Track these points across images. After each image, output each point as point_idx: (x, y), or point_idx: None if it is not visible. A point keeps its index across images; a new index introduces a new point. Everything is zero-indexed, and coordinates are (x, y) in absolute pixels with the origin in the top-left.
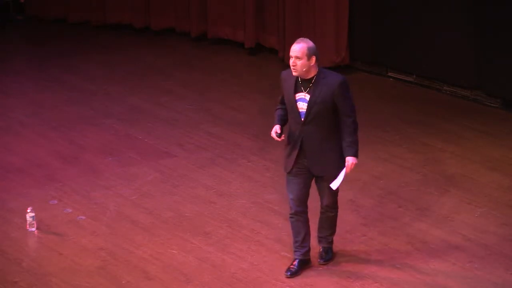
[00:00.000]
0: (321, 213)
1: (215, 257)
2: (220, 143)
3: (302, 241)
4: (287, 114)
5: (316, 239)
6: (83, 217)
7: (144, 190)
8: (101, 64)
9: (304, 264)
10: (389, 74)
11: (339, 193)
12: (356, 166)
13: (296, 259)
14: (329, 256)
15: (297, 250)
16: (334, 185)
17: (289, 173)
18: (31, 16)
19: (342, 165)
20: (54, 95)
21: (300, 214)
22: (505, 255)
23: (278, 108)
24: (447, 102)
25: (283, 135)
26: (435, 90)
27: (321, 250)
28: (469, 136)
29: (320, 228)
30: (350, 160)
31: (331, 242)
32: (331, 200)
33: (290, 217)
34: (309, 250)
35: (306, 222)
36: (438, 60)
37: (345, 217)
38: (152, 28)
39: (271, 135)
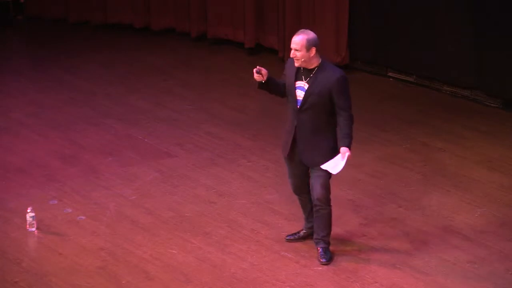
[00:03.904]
0: (315, 211)
1: (215, 257)
2: (220, 143)
3: (307, 216)
4: (281, 85)
5: (314, 240)
6: (83, 217)
7: (144, 190)
8: (101, 64)
9: (305, 237)
10: (389, 74)
11: (339, 193)
12: (349, 158)
13: (302, 229)
14: (329, 255)
15: (305, 222)
16: (335, 170)
17: (287, 159)
18: (31, 16)
19: (332, 157)
20: (54, 95)
21: (300, 196)
22: (505, 255)
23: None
24: (447, 102)
25: (260, 76)
26: (435, 90)
27: (320, 250)
28: (469, 136)
29: (317, 229)
30: (343, 150)
31: (328, 242)
32: (321, 192)
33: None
34: (312, 227)
35: (309, 201)
36: (438, 60)
37: (345, 217)
38: (152, 28)
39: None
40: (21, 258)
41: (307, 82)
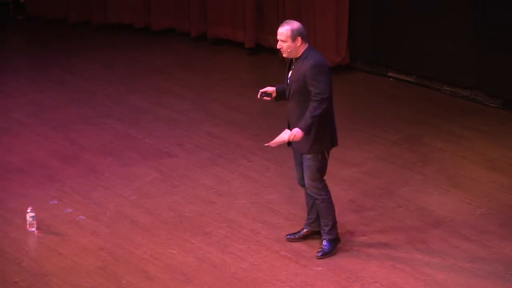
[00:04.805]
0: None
1: (215, 257)
2: (220, 143)
3: (308, 213)
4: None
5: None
6: (83, 217)
7: (144, 190)
8: (101, 64)
9: (305, 236)
10: (389, 74)
11: (339, 193)
12: (295, 140)
13: (303, 228)
14: (325, 249)
15: (306, 217)
16: (270, 142)
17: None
18: (31, 16)
19: (316, 146)
20: (54, 95)
21: (302, 187)
22: (505, 255)
23: None
24: (447, 102)
25: (268, 97)
26: (435, 90)
27: (323, 242)
28: (469, 136)
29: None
30: (294, 131)
31: (329, 234)
32: (308, 182)
33: None
34: (313, 223)
35: (310, 195)
36: (438, 60)
37: (345, 217)
38: (152, 28)
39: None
40: (21, 258)
41: (292, 71)
